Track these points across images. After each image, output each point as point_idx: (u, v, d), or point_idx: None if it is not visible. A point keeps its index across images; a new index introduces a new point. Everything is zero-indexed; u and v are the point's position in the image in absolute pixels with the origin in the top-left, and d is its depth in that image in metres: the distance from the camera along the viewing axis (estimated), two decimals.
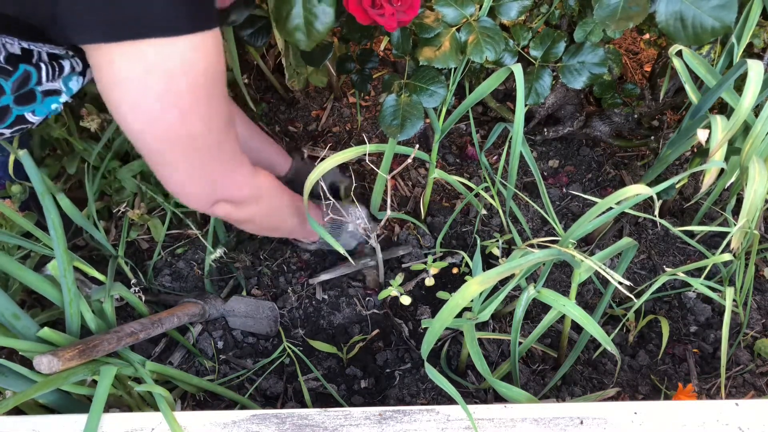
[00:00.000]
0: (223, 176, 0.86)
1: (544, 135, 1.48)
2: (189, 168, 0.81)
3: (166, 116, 0.72)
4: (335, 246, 1.12)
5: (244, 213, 0.96)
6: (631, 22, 0.90)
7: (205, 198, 0.87)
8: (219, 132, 0.80)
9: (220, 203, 0.90)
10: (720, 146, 0.92)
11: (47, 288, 0.89)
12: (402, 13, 0.87)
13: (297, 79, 1.46)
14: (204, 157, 0.80)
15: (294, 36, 0.88)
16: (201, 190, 0.85)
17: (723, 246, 0.94)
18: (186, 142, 0.76)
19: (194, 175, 0.82)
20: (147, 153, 0.78)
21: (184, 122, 0.74)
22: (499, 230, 1.37)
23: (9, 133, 0.85)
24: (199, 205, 0.88)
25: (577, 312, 0.91)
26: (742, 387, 1.13)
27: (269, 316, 1.20)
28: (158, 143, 0.76)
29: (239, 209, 0.94)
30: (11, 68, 0.78)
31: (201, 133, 0.77)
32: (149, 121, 0.72)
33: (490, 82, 1.05)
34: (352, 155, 1.13)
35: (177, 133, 0.74)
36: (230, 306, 1.19)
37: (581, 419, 0.84)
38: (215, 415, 0.84)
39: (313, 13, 0.86)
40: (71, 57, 0.85)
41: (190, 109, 0.73)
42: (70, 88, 0.87)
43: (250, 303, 1.20)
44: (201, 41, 0.70)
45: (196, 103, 0.73)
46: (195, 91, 0.72)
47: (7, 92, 0.79)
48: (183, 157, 0.78)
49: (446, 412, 0.85)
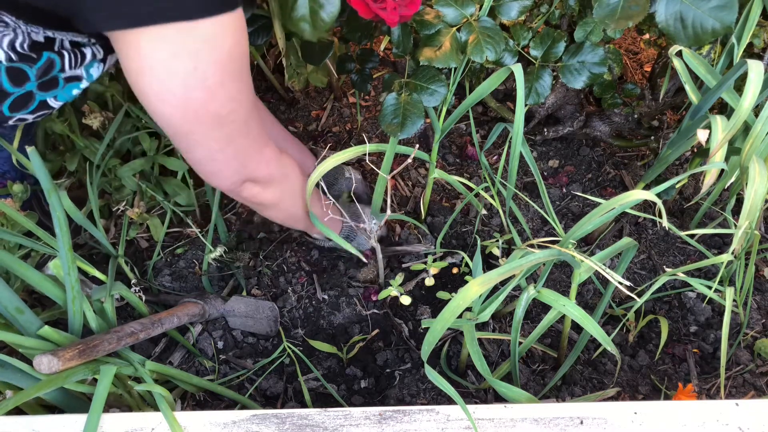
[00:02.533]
0: (251, 153, 0.89)
1: (544, 135, 1.48)
2: (218, 146, 0.83)
3: (195, 96, 0.74)
4: (347, 247, 1.13)
5: (270, 194, 0.97)
6: (630, 21, 0.90)
7: (234, 176, 0.89)
8: (246, 110, 0.82)
9: (248, 183, 0.92)
10: (720, 146, 0.92)
11: (50, 287, 0.89)
12: (404, 8, 0.87)
13: (297, 79, 1.46)
14: (233, 134, 0.82)
15: (299, 26, 0.88)
16: (230, 168, 0.87)
17: (727, 247, 0.94)
18: (215, 120, 0.78)
19: (224, 152, 0.84)
20: (176, 136, 0.80)
21: (213, 101, 0.75)
22: (499, 230, 1.37)
23: (32, 118, 0.88)
24: (229, 182, 0.90)
25: (577, 312, 0.91)
26: (742, 387, 1.13)
27: (269, 316, 1.20)
28: (188, 125, 0.77)
29: (266, 189, 0.96)
30: (36, 56, 0.80)
31: (229, 111, 0.79)
32: (178, 103, 0.74)
33: (490, 82, 1.05)
34: (352, 155, 1.13)
35: (206, 112, 0.76)
36: (230, 306, 1.19)
37: (581, 419, 0.84)
38: (215, 415, 0.84)
39: (318, 2, 0.86)
40: (93, 45, 0.87)
41: (217, 89, 0.75)
42: (91, 74, 0.89)
43: (250, 303, 1.20)
44: (226, 21, 0.71)
45: (223, 82, 0.75)
46: (222, 70, 0.74)
47: (31, 79, 0.82)
48: (212, 135, 0.80)
49: (446, 412, 0.85)
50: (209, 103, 0.76)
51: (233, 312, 1.19)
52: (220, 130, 0.80)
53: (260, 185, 0.94)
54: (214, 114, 0.77)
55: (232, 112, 0.80)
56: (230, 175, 0.89)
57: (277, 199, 1.00)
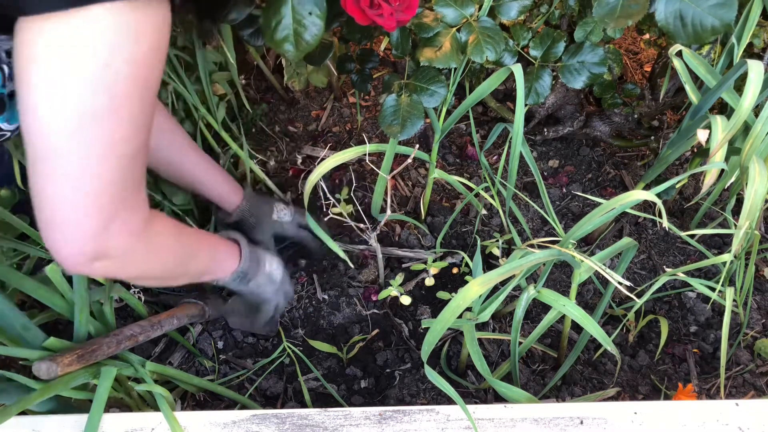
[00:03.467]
0: (124, 207, 0.66)
1: (544, 135, 1.48)
2: (90, 181, 0.61)
3: (95, 101, 0.57)
4: (333, 247, 1.12)
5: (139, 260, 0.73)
6: (630, 19, 0.90)
7: (92, 240, 0.64)
8: (141, 142, 0.64)
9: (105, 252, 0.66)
10: (720, 146, 0.92)
11: (50, 296, 0.88)
12: (400, 13, 0.87)
13: (297, 80, 1.46)
14: (115, 169, 0.62)
15: (282, 47, 0.86)
16: (95, 218, 0.63)
17: (727, 247, 0.94)
18: (103, 143, 0.59)
19: (95, 192, 0.62)
20: (43, 154, 0.59)
21: (111, 114, 0.58)
22: (499, 230, 1.37)
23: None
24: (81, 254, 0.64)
25: (577, 312, 0.91)
26: (742, 387, 1.13)
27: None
28: (67, 140, 0.58)
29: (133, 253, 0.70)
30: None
31: (124, 136, 0.61)
32: (69, 107, 0.56)
33: (490, 82, 1.05)
34: (352, 155, 1.13)
35: (98, 130, 0.58)
36: (230, 306, 1.19)
37: (581, 419, 0.84)
38: (215, 415, 0.84)
39: (302, 24, 0.84)
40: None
41: (122, 101, 0.58)
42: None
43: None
44: (151, 14, 0.57)
45: (130, 95, 0.59)
46: (133, 77, 0.58)
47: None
48: (92, 164, 0.60)
49: (446, 412, 0.85)
50: (108, 113, 0.58)
51: (233, 312, 1.18)
52: (103, 158, 0.60)
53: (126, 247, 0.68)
54: (108, 132, 0.59)
55: (128, 136, 0.61)
56: (92, 228, 0.63)
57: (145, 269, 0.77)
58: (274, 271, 1.10)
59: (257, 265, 1.06)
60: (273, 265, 1.10)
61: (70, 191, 0.61)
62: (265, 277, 1.08)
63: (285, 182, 1.47)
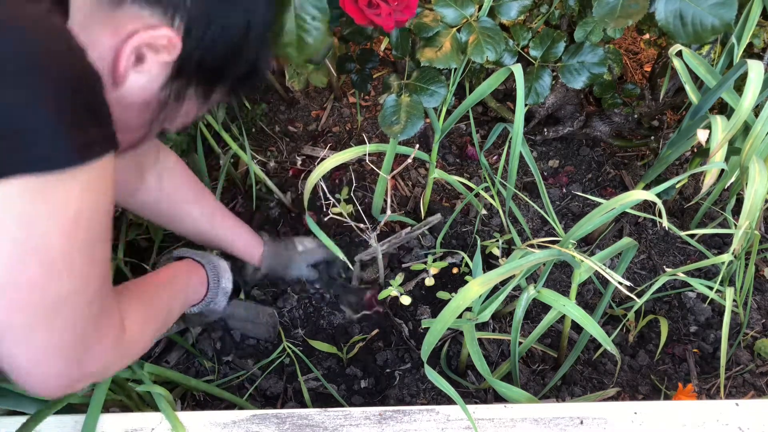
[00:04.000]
0: (92, 341, 0.63)
1: (544, 135, 1.48)
2: (49, 339, 0.58)
3: (26, 274, 0.53)
4: (335, 250, 1.12)
5: (120, 362, 0.72)
6: (630, 19, 0.90)
7: (67, 377, 0.62)
8: (96, 288, 0.61)
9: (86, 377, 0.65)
10: (720, 146, 0.93)
11: None
12: (399, 13, 0.87)
13: (297, 80, 1.46)
14: (69, 320, 0.59)
15: (285, 51, 0.87)
16: (63, 366, 0.61)
17: (731, 248, 0.94)
18: (50, 305, 0.56)
19: (57, 346, 0.59)
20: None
21: (50, 281, 0.55)
22: (499, 230, 1.37)
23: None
24: (59, 387, 0.62)
25: (577, 312, 0.91)
26: (742, 387, 1.13)
27: (269, 322, 1.19)
28: (7, 313, 0.55)
29: (113, 364, 0.70)
30: None
31: (71, 291, 0.58)
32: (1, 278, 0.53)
33: (490, 82, 1.05)
34: (352, 155, 1.13)
35: (39, 295, 0.55)
36: (230, 310, 1.16)
37: (581, 419, 0.84)
38: (215, 415, 0.84)
39: (305, 29, 0.85)
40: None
41: (59, 265, 0.55)
42: None
43: (250, 307, 1.18)
44: (86, 176, 0.53)
45: (70, 256, 0.56)
46: (70, 240, 0.55)
47: None
48: (40, 326, 0.57)
49: (446, 412, 0.85)
50: (46, 281, 0.55)
51: (233, 316, 1.17)
52: (55, 317, 0.57)
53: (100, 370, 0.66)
54: (52, 296, 0.56)
55: (77, 290, 0.58)
56: (63, 375, 0.61)
57: (124, 363, 0.74)
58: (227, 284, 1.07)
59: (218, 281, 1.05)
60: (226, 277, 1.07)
61: (26, 349, 0.58)
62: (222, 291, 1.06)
63: (285, 182, 1.47)
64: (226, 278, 1.06)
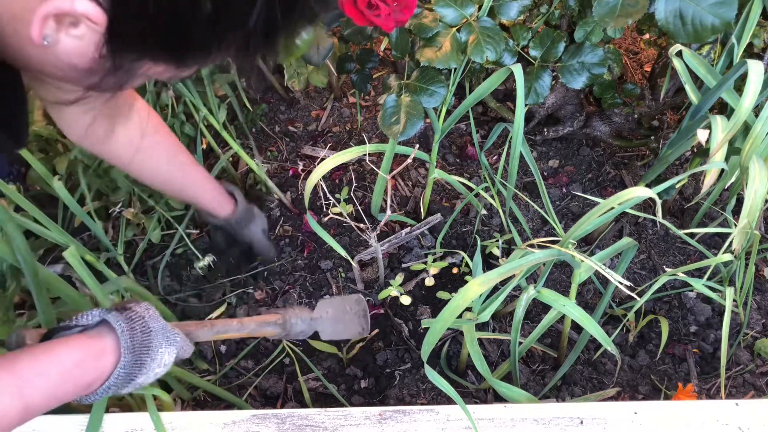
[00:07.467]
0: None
1: (544, 135, 1.48)
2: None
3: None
4: (336, 247, 1.12)
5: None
6: (630, 18, 0.90)
7: None
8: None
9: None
10: (720, 146, 0.92)
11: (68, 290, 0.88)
12: (398, 13, 0.87)
13: (297, 80, 1.46)
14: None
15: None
16: None
17: (725, 247, 0.94)
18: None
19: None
20: None
21: None
22: (499, 230, 1.37)
23: None
24: None
25: (577, 312, 0.91)
26: (742, 387, 1.13)
27: (357, 312, 0.99)
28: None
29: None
30: None
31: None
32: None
33: (490, 82, 1.05)
34: (352, 155, 1.13)
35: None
36: (318, 313, 0.97)
37: (581, 419, 0.84)
38: (215, 415, 0.84)
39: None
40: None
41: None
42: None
43: (335, 303, 1.00)
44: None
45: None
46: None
47: None
48: None
49: (446, 412, 0.85)
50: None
51: (322, 319, 0.97)
52: None
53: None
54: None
55: None
56: None
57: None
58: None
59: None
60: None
61: None
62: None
63: (285, 182, 1.47)
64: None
